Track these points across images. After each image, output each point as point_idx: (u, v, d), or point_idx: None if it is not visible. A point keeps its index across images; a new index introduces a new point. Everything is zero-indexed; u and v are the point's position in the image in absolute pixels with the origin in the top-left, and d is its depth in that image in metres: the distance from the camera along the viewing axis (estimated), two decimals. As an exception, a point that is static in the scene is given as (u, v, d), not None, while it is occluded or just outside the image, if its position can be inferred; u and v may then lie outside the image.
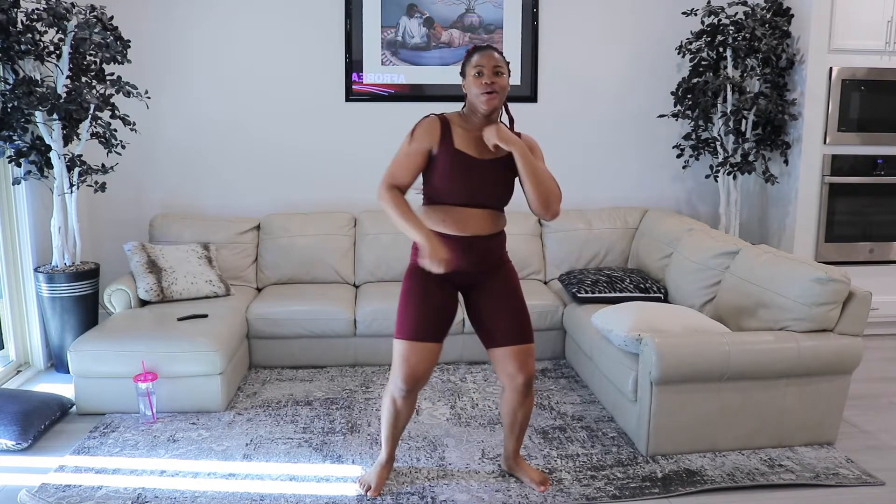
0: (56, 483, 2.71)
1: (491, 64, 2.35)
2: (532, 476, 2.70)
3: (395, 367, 2.49)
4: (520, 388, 2.54)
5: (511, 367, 2.51)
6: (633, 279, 3.86)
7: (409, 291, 2.48)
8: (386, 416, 2.61)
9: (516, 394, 2.57)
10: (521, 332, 2.50)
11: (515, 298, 2.52)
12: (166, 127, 4.49)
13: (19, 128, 3.62)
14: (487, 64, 2.35)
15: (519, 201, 2.62)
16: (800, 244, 4.38)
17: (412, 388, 2.50)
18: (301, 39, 4.49)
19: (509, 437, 2.70)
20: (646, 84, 4.73)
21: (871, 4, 4.18)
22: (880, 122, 4.31)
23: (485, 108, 2.37)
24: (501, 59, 2.39)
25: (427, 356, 2.47)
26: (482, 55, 2.38)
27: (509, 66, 2.44)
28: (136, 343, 3.29)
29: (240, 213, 4.57)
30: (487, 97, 2.34)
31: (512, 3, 4.53)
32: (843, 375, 2.97)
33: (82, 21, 3.59)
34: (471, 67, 2.38)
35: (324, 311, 3.87)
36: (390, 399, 2.57)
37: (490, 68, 2.35)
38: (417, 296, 2.46)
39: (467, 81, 2.40)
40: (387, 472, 2.71)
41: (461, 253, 2.42)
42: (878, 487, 2.71)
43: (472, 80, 2.37)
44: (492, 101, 2.35)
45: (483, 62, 2.36)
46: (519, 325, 2.50)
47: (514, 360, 2.50)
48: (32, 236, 3.89)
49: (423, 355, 2.46)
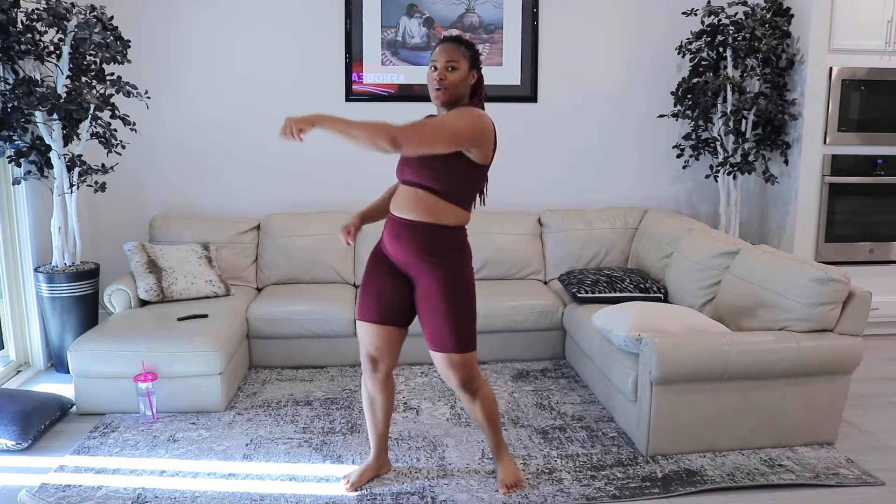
0: (56, 483, 2.71)
1: (444, 59, 2.33)
2: (503, 476, 2.66)
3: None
4: (457, 390, 2.54)
5: (439, 368, 2.52)
6: (633, 279, 3.86)
7: (364, 274, 2.60)
8: (363, 403, 2.68)
9: (459, 393, 2.55)
10: (440, 339, 2.43)
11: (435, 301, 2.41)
12: (166, 127, 4.49)
13: (19, 128, 3.62)
14: (440, 58, 2.34)
15: (520, 201, 2.62)
16: (800, 244, 4.38)
17: (373, 368, 2.58)
18: (301, 39, 4.49)
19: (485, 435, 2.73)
20: (646, 84, 4.73)
21: (871, 4, 4.18)
22: (880, 122, 4.31)
23: (436, 103, 2.37)
24: (459, 53, 2.34)
25: (378, 338, 2.52)
26: (440, 49, 2.36)
27: (478, 58, 2.41)
28: (136, 343, 3.29)
29: (240, 213, 4.56)
30: (436, 93, 2.34)
31: (512, 3, 4.53)
32: (843, 375, 2.97)
33: (82, 21, 3.59)
34: (431, 61, 2.37)
35: (324, 311, 3.87)
36: (363, 381, 2.66)
37: (443, 63, 2.33)
38: (365, 278, 2.58)
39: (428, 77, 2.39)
40: (371, 471, 2.71)
41: (388, 234, 2.48)
42: (878, 487, 2.71)
43: (428, 73, 2.37)
44: (440, 96, 2.34)
45: (437, 56, 2.34)
46: (438, 332, 2.42)
47: (437, 365, 2.51)
48: (32, 236, 3.89)
49: (374, 336, 2.53)
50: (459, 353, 2.44)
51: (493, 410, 2.61)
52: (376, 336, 2.54)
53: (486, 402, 2.58)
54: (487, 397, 2.58)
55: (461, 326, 2.42)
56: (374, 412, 2.67)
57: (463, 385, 2.50)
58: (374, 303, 2.52)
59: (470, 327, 2.45)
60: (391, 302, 2.51)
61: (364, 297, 2.54)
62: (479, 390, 2.55)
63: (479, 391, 2.55)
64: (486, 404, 2.58)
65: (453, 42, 2.37)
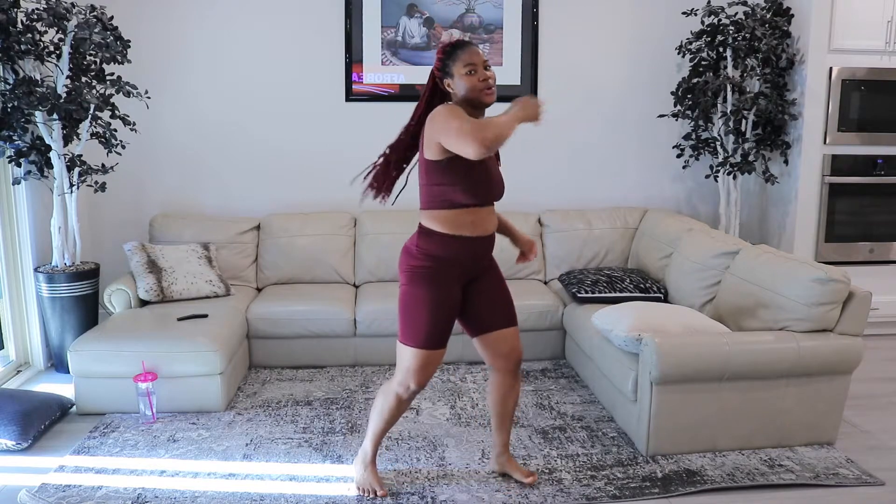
0: (56, 483, 2.71)
1: (481, 60, 2.38)
2: (520, 471, 2.74)
3: (409, 373, 2.46)
4: (512, 369, 2.61)
5: (506, 347, 2.58)
6: (633, 279, 3.86)
7: (426, 299, 2.41)
8: (387, 414, 2.57)
9: (508, 376, 2.62)
10: (514, 315, 2.62)
11: (505, 285, 2.63)
12: (166, 127, 4.49)
13: (19, 128, 3.62)
14: (479, 61, 2.37)
15: (520, 201, 2.62)
16: (800, 244, 4.38)
17: (419, 391, 2.52)
18: (301, 39, 4.48)
19: (500, 430, 2.71)
20: (646, 84, 4.73)
21: (871, 4, 4.18)
22: (880, 122, 4.31)
23: (490, 101, 2.39)
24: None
25: (441, 359, 2.51)
26: (470, 53, 2.37)
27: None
28: (136, 343, 3.29)
29: (240, 213, 4.57)
30: (488, 92, 2.37)
31: (512, 3, 4.53)
32: (843, 375, 2.97)
33: (82, 21, 3.60)
34: (461, 66, 2.36)
35: (324, 311, 3.87)
36: (395, 398, 2.53)
37: (481, 64, 2.37)
38: (436, 303, 2.42)
39: (456, 80, 2.37)
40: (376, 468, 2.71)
41: (479, 252, 2.48)
42: (878, 487, 2.71)
43: (464, 77, 2.36)
44: (492, 95, 2.39)
45: (474, 60, 2.36)
46: (513, 309, 2.62)
47: (509, 341, 2.58)
48: (32, 236, 3.89)
49: (439, 360, 2.50)
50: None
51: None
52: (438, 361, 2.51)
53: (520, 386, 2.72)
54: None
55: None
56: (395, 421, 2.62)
57: (521, 358, 2.65)
58: (451, 325, 2.49)
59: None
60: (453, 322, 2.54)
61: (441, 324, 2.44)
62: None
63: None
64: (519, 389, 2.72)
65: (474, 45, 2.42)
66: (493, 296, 2.57)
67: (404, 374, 2.48)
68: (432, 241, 2.42)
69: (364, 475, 2.67)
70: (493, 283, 2.58)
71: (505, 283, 2.63)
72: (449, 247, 2.41)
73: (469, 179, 2.36)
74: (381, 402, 2.58)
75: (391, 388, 2.54)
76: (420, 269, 2.43)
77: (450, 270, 2.43)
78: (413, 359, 2.45)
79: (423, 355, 2.44)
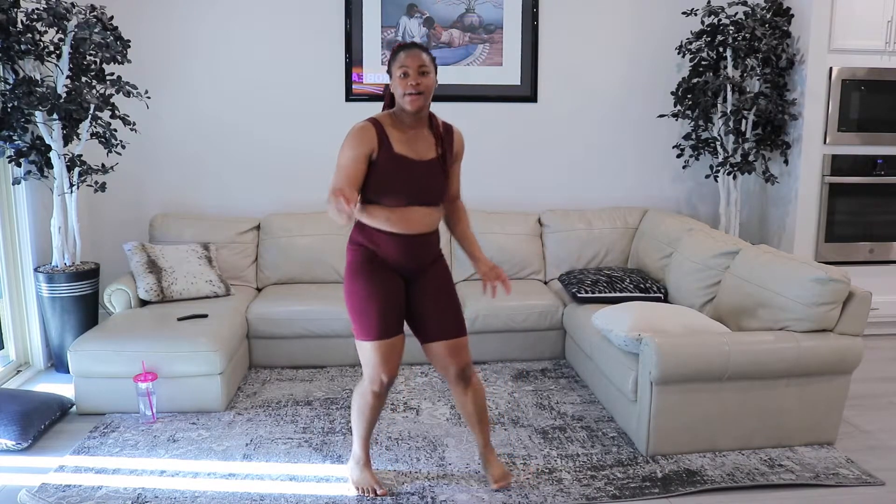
0: (56, 483, 2.71)
1: (416, 64, 2.35)
2: (493, 473, 2.69)
3: (373, 368, 2.48)
4: (455, 379, 2.58)
5: (446, 360, 2.56)
6: (633, 279, 3.86)
7: (367, 289, 2.45)
8: (367, 412, 2.58)
9: (455, 385, 2.61)
10: (455, 327, 2.55)
11: (449, 294, 2.57)
12: (166, 127, 4.49)
13: (19, 128, 3.62)
14: (413, 64, 2.35)
15: (520, 201, 2.62)
16: (800, 244, 4.38)
17: (391, 381, 2.52)
18: (301, 39, 4.48)
19: (473, 431, 2.70)
20: (646, 84, 4.73)
21: (871, 4, 4.18)
22: (880, 122, 4.31)
23: (409, 108, 2.38)
24: (427, 59, 2.39)
25: (400, 347, 2.51)
26: (408, 55, 2.37)
27: (435, 63, 2.44)
28: (136, 343, 3.29)
29: (240, 213, 4.56)
30: (411, 98, 2.36)
31: (512, 3, 4.53)
32: (843, 375, 2.97)
33: (82, 21, 3.60)
34: (396, 67, 2.37)
35: (324, 311, 3.87)
36: (371, 396, 2.54)
37: (415, 68, 2.35)
38: (379, 292, 2.46)
39: (393, 81, 2.40)
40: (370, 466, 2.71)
41: (404, 249, 2.46)
42: (878, 487, 2.71)
43: (397, 80, 2.37)
44: (416, 101, 2.37)
45: (409, 63, 2.35)
46: (453, 320, 2.55)
47: (448, 354, 2.54)
48: (32, 236, 3.89)
49: (398, 349, 2.50)
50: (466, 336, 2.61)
51: (485, 399, 2.67)
52: (402, 344, 2.53)
53: (480, 389, 2.65)
54: (480, 384, 2.66)
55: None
56: (374, 418, 2.62)
57: (467, 367, 2.58)
58: (398, 312, 2.50)
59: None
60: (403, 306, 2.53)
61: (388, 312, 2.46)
62: (473, 376, 2.63)
63: (473, 376, 2.63)
64: (481, 392, 2.65)
65: (418, 48, 2.39)
66: (432, 303, 2.54)
67: (371, 369, 2.49)
68: (361, 232, 2.49)
69: (361, 476, 2.68)
70: (432, 288, 2.54)
71: (449, 288, 2.57)
72: (370, 236, 2.47)
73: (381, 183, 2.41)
74: (359, 403, 2.59)
75: (364, 388, 2.55)
76: (351, 263, 2.50)
77: (375, 258, 2.47)
78: (373, 352, 2.46)
79: (380, 346, 2.45)
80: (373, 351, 2.46)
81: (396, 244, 2.45)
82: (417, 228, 2.46)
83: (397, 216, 2.43)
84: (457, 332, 2.55)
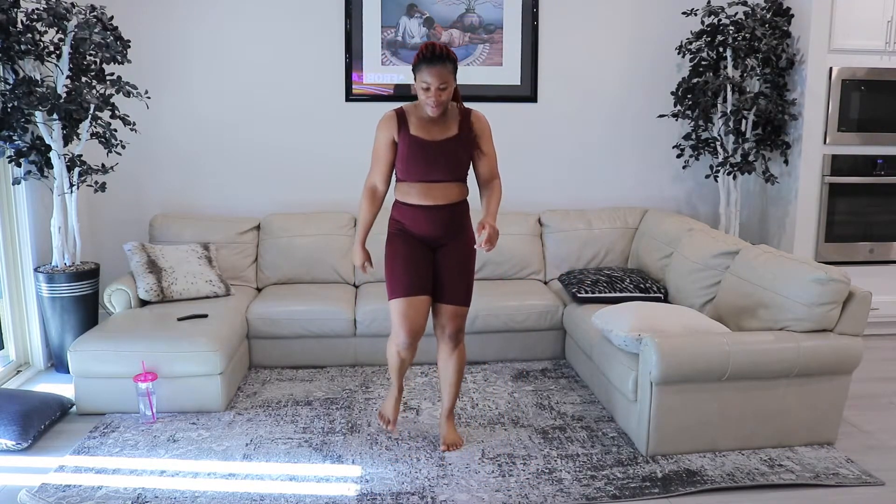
0: (56, 483, 2.71)
1: (437, 83, 2.64)
2: (447, 436, 2.99)
3: (396, 325, 2.81)
4: (448, 338, 2.91)
5: (442, 319, 2.90)
6: (633, 279, 3.86)
7: (393, 254, 2.84)
8: (392, 365, 2.95)
9: (444, 344, 2.93)
10: (463, 298, 2.89)
11: (465, 269, 2.90)
12: (166, 127, 4.49)
13: (19, 128, 3.62)
14: (434, 83, 2.65)
15: (520, 201, 2.62)
16: (800, 244, 4.38)
17: (413, 340, 2.83)
18: (301, 39, 4.48)
19: (443, 394, 3.00)
20: (646, 84, 4.73)
21: (871, 4, 4.18)
22: (880, 122, 4.31)
23: (430, 114, 2.73)
24: (448, 73, 2.65)
25: (422, 309, 2.82)
26: (430, 72, 2.63)
27: (456, 67, 2.70)
28: (136, 343, 3.29)
29: (240, 213, 4.56)
30: (431, 108, 2.70)
31: (512, 3, 4.53)
32: (843, 375, 2.97)
33: (82, 21, 3.59)
34: (419, 79, 2.68)
35: (324, 311, 3.87)
36: (395, 352, 2.89)
37: (436, 87, 2.65)
38: (402, 256, 2.82)
39: (416, 85, 2.70)
40: (399, 402, 3.05)
41: (425, 220, 2.82)
42: (878, 487, 2.71)
43: (420, 89, 2.69)
44: (435, 110, 2.71)
45: (430, 80, 2.65)
46: (464, 293, 2.89)
47: (450, 317, 2.88)
48: (32, 236, 3.88)
49: (419, 308, 2.81)
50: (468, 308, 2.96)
51: (464, 366, 2.98)
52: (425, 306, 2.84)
53: (463, 356, 2.97)
54: (464, 353, 2.99)
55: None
56: (403, 368, 2.96)
57: (460, 331, 2.92)
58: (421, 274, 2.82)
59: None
60: (430, 271, 2.86)
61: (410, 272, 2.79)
62: (462, 343, 2.96)
63: (461, 343, 2.96)
64: (463, 359, 2.97)
65: (441, 63, 2.64)
66: (447, 271, 2.87)
67: (393, 326, 2.84)
68: (394, 207, 2.90)
69: (385, 404, 3.09)
70: (451, 259, 2.87)
71: (463, 263, 2.88)
72: (400, 211, 2.87)
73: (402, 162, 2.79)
74: (389, 353, 2.93)
75: (390, 342, 2.91)
76: (388, 235, 2.90)
77: (404, 230, 2.85)
78: (393, 310, 2.82)
79: (397, 304, 2.79)
80: (393, 308, 2.81)
81: (418, 215, 2.81)
82: (436, 200, 2.79)
83: (417, 190, 2.79)
84: (462, 302, 2.89)
